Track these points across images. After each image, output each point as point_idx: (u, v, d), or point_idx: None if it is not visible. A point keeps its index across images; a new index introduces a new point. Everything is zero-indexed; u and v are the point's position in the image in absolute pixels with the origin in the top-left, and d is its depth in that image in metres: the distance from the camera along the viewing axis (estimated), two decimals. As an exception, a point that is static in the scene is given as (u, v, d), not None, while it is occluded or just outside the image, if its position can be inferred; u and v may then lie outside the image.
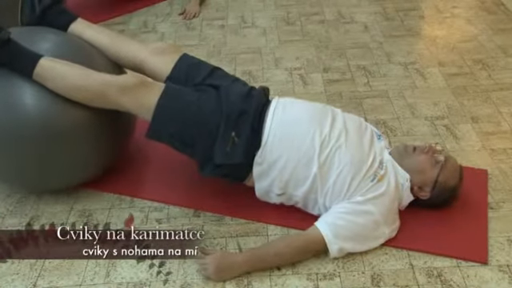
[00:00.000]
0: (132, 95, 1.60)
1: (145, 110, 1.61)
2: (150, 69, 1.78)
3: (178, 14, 3.07)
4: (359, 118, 1.78)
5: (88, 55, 1.73)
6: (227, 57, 2.65)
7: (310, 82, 2.43)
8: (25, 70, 1.58)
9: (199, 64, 1.79)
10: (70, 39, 1.76)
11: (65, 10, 1.82)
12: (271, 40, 2.79)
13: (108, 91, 1.60)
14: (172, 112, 1.61)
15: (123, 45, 1.81)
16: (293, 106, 1.69)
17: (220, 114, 1.61)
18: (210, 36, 2.85)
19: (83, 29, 1.80)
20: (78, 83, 1.59)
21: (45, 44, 1.68)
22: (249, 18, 3.03)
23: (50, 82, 1.59)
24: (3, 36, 1.57)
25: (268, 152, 1.61)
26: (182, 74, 1.74)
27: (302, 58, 2.61)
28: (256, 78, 2.46)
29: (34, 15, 1.76)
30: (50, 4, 1.77)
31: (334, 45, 2.72)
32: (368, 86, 2.39)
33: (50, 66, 1.58)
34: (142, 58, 1.78)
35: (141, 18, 3.05)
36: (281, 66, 2.55)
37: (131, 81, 1.62)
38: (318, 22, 2.95)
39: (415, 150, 1.68)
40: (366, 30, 2.85)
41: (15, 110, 1.58)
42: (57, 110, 1.61)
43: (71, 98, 1.61)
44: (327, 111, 1.69)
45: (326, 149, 1.59)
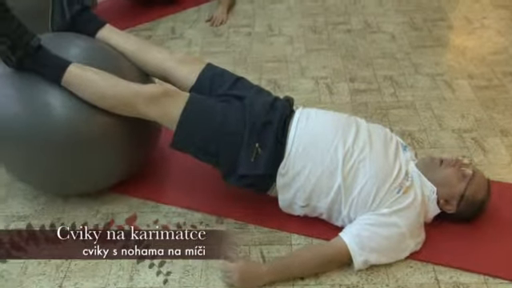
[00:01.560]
0: (158, 105, 1.61)
1: (170, 119, 1.63)
2: (175, 77, 1.80)
3: (205, 21, 3.09)
4: (384, 128, 1.76)
5: (115, 62, 1.75)
6: (253, 65, 2.65)
7: (336, 92, 2.42)
8: (54, 76, 1.61)
9: (223, 74, 1.80)
10: (98, 45, 1.79)
11: (93, 16, 1.85)
12: (298, 49, 2.79)
13: (135, 100, 1.62)
14: (196, 123, 1.62)
15: (149, 52, 1.83)
16: (316, 116, 1.69)
17: (244, 125, 1.61)
18: (236, 43, 2.86)
19: (111, 35, 1.83)
20: (105, 91, 1.62)
21: (73, 50, 1.71)
22: (276, 26, 3.04)
23: (78, 89, 1.61)
24: (34, 43, 1.60)
25: (291, 163, 1.60)
26: (206, 83, 1.75)
27: (328, 68, 2.60)
28: (281, 86, 2.46)
29: (63, 21, 1.79)
30: (79, 10, 1.80)
31: (361, 54, 2.71)
32: (394, 96, 2.37)
33: (78, 74, 1.61)
34: (168, 67, 1.80)
35: (168, 24, 3.08)
36: (307, 75, 2.55)
37: (157, 91, 1.64)
38: (345, 32, 2.94)
39: (442, 163, 1.66)
40: (394, 40, 2.83)
41: (43, 116, 1.61)
42: (84, 116, 1.63)
43: (98, 105, 1.63)
44: (351, 122, 1.68)
45: (349, 160, 1.58)
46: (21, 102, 1.63)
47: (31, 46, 1.59)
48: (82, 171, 1.70)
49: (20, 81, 1.63)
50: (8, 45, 1.57)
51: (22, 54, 1.59)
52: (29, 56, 1.59)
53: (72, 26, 1.80)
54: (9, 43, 1.57)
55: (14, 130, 1.62)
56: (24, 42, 1.58)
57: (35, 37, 1.61)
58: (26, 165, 1.70)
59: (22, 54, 1.59)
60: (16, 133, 1.62)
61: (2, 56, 1.60)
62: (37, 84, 1.62)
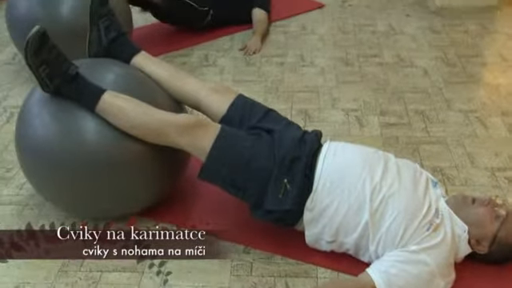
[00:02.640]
0: (189, 135, 1.63)
1: (200, 150, 1.64)
2: (207, 106, 1.82)
3: (238, 50, 3.13)
4: (414, 163, 1.74)
5: (148, 89, 1.79)
6: (284, 94, 2.67)
7: (366, 125, 2.41)
8: (88, 104, 1.64)
9: (254, 105, 1.82)
10: (132, 72, 1.83)
11: (129, 43, 1.89)
12: (329, 80, 2.80)
13: (167, 130, 1.64)
14: (226, 156, 1.63)
15: (182, 80, 1.86)
16: (344, 150, 1.68)
17: (273, 160, 1.62)
18: (268, 73, 2.89)
19: (145, 62, 1.86)
20: (138, 120, 1.64)
21: (108, 76, 1.75)
22: (308, 56, 3.06)
23: (111, 117, 1.64)
24: (72, 71, 1.64)
25: (318, 198, 1.60)
26: (237, 114, 1.77)
27: (359, 100, 2.60)
28: (312, 117, 2.47)
29: (100, 47, 1.84)
30: (115, 37, 1.84)
31: (393, 88, 2.70)
32: (426, 131, 2.35)
33: (112, 102, 1.64)
34: (200, 96, 1.82)
35: (202, 52, 3.13)
36: (337, 107, 2.55)
37: (190, 121, 1.66)
38: (377, 65, 2.94)
39: (474, 202, 1.63)
40: (426, 75, 2.82)
41: (76, 140, 1.65)
42: (115, 141, 1.66)
43: (130, 133, 1.66)
44: (379, 157, 1.67)
45: (377, 196, 1.57)
46: (55, 126, 1.68)
47: (69, 74, 1.64)
48: (112, 196, 1.72)
49: (56, 106, 1.68)
50: (47, 72, 1.61)
51: (60, 82, 1.63)
52: (66, 83, 1.64)
53: (108, 51, 1.85)
54: (47, 71, 1.61)
55: (46, 153, 1.66)
56: (62, 70, 1.63)
57: (73, 65, 1.65)
58: (56, 187, 1.73)
59: (60, 81, 1.63)
60: (49, 155, 1.66)
61: (40, 82, 1.64)
62: (71, 109, 1.66)
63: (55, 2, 2.59)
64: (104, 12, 1.82)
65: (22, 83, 2.79)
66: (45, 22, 2.50)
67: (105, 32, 1.83)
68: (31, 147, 1.70)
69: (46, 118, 1.69)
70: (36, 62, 1.59)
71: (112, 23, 1.84)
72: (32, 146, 1.69)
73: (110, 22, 1.83)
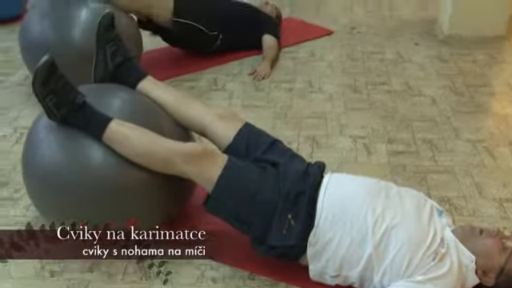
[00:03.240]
0: (196, 165, 1.63)
1: (206, 181, 1.65)
2: (213, 134, 1.82)
3: (248, 74, 3.16)
4: (418, 192, 1.73)
5: (154, 116, 1.80)
6: (292, 120, 2.68)
7: (373, 152, 2.41)
8: (95, 132, 1.65)
9: (260, 135, 1.82)
10: (138, 98, 1.84)
11: (135, 68, 1.90)
12: (337, 106, 2.81)
13: (173, 159, 1.64)
14: (232, 188, 1.64)
15: (189, 107, 1.86)
16: (344, 182, 1.68)
17: (278, 194, 1.62)
18: (276, 98, 2.91)
19: (151, 87, 1.87)
20: (144, 149, 1.65)
21: (114, 102, 1.77)
22: (316, 83, 3.08)
23: (118, 146, 1.65)
24: (79, 100, 1.65)
25: (321, 233, 1.59)
26: (242, 144, 1.77)
27: (367, 127, 2.61)
28: (320, 144, 2.48)
29: (106, 72, 1.84)
30: (121, 62, 1.85)
31: (401, 116, 2.71)
32: (433, 160, 2.34)
33: (118, 130, 1.65)
34: (206, 122, 1.82)
35: (211, 76, 3.16)
36: (345, 134, 2.56)
37: (196, 150, 1.66)
38: (385, 92, 2.96)
39: (482, 233, 1.61)
40: (434, 104, 2.82)
41: (82, 166, 1.66)
42: (121, 167, 1.66)
43: (136, 162, 1.66)
44: (381, 187, 1.66)
45: (380, 228, 1.55)
46: (62, 150, 1.69)
47: (76, 103, 1.65)
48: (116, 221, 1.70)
49: (63, 130, 1.69)
50: (54, 102, 1.62)
51: (67, 111, 1.64)
52: (73, 113, 1.65)
53: (114, 76, 1.85)
54: (55, 100, 1.62)
55: (52, 177, 1.67)
56: (70, 99, 1.64)
57: (80, 94, 1.66)
58: (60, 211, 1.72)
59: (67, 110, 1.64)
60: (54, 179, 1.67)
61: (47, 111, 1.65)
62: (78, 134, 1.67)
63: (67, 26, 2.63)
64: (111, 37, 1.83)
65: (33, 104, 2.78)
66: (57, 45, 2.59)
67: (111, 57, 1.84)
68: (37, 171, 1.71)
69: (53, 143, 1.70)
70: (44, 91, 1.61)
71: (118, 48, 1.85)
72: (38, 169, 1.71)
73: (116, 47, 1.84)
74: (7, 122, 2.66)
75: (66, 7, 2.69)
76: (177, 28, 3.12)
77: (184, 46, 3.35)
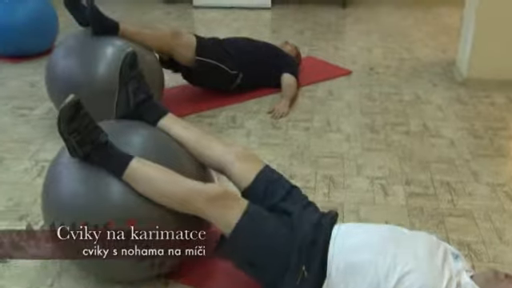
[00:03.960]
0: (216, 207, 1.63)
1: (224, 224, 1.64)
2: (232, 174, 1.82)
3: (266, 112, 3.19)
4: (430, 236, 1.70)
5: (174, 154, 1.81)
6: (309, 159, 2.69)
7: (391, 193, 2.40)
8: (116, 171, 1.66)
9: (278, 181, 1.81)
10: (158, 135, 1.86)
11: (156, 105, 1.92)
12: (354, 146, 2.82)
13: (193, 199, 1.64)
14: (249, 235, 1.63)
15: (209, 145, 1.87)
16: (354, 232, 1.66)
17: (292, 245, 1.61)
18: (294, 137, 2.92)
19: (171, 125, 1.88)
20: (165, 189, 1.65)
21: (134, 139, 1.79)
22: (334, 122, 3.10)
23: (138, 185, 1.66)
24: (102, 139, 1.67)
25: (333, 283, 1.56)
26: (261, 188, 1.77)
27: (384, 168, 2.60)
28: (337, 184, 2.47)
29: (128, 109, 1.87)
30: (143, 99, 1.88)
31: (418, 157, 2.70)
32: (452, 203, 2.32)
33: (139, 170, 1.66)
34: (226, 163, 1.83)
35: (230, 113, 3.19)
36: (362, 174, 2.55)
37: (218, 192, 1.65)
38: (403, 133, 2.96)
39: (506, 278, 1.57)
40: (452, 146, 2.81)
41: (101, 203, 1.66)
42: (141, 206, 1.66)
43: (157, 201, 1.66)
44: (391, 235, 1.64)
45: (393, 276, 1.51)
46: (82, 186, 1.70)
47: (99, 142, 1.67)
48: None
49: (84, 167, 1.71)
50: (77, 139, 1.65)
51: (89, 149, 1.66)
52: (95, 151, 1.67)
53: (135, 113, 1.87)
54: (78, 138, 1.65)
55: (71, 212, 1.67)
56: (93, 137, 1.66)
57: (103, 132, 1.69)
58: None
59: (90, 148, 1.66)
60: (73, 215, 1.67)
61: (70, 149, 1.68)
62: (99, 171, 1.68)
63: (92, 62, 2.70)
64: (133, 74, 1.86)
65: (55, 137, 2.83)
66: (80, 80, 2.66)
67: (133, 94, 1.86)
68: (56, 205, 1.73)
69: (74, 178, 1.72)
70: (68, 129, 1.63)
71: (140, 86, 1.87)
72: (57, 204, 1.72)
73: (138, 85, 1.87)
74: (29, 154, 2.70)
75: (91, 44, 2.77)
76: (198, 67, 3.17)
77: (204, 85, 3.40)
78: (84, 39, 2.82)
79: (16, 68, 3.85)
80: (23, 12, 3.86)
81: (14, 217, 2.21)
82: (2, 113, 3.16)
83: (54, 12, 4.08)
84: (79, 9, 2.85)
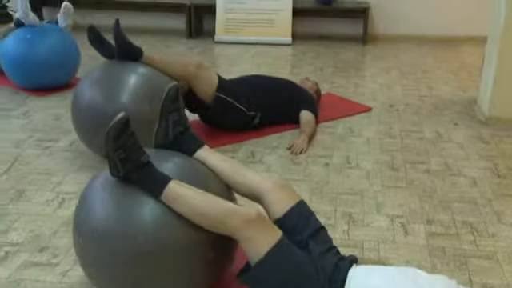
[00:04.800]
0: (251, 230, 1.63)
1: (254, 249, 1.63)
2: (267, 202, 1.83)
3: (285, 148, 3.19)
4: (450, 280, 1.65)
5: (209, 183, 1.84)
6: (329, 195, 2.67)
7: (411, 233, 2.36)
8: (155, 191, 1.69)
9: (309, 218, 1.82)
10: (195, 165, 1.89)
11: (193, 137, 1.96)
12: (374, 184, 2.80)
13: (230, 219, 1.64)
14: (278, 267, 1.62)
15: (246, 174, 1.90)
16: (371, 274, 1.65)
17: (314, 284, 1.61)
18: (313, 173, 2.92)
19: (208, 156, 1.93)
20: (202, 208, 1.67)
21: (171, 168, 1.81)
22: (353, 159, 3.09)
23: (176, 205, 1.68)
24: (144, 159, 1.72)
25: None
26: (292, 222, 1.78)
27: (404, 206, 2.57)
28: (356, 221, 2.45)
29: (166, 140, 1.92)
30: (181, 131, 1.93)
31: (439, 196, 2.66)
32: (474, 244, 2.27)
33: (178, 190, 1.69)
34: (263, 190, 1.84)
35: (249, 148, 3.21)
36: (382, 212, 2.53)
37: (254, 215, 1.65)
38: (424, 171, 2.93)
39: None
40: (475, 185, 2.77)
41: (136, 227, 1.68)
42: (175, 229, 1.69)
43: (193, 221, 1.68)
44: (407, 279, 1.60)
45: None
46: (116, 212, 1.72)
47: (141, 162, 1.71)
48: (159, 282, 1.72)
49: (117, 192, 1.74)
50: (121, 157, 1.69)
51: (131, 168, 1.70)
52: (136, 170, 1.70)
53: (173, 144, 1.92)
54: (122, 156, 1.69)
55: (105, 238, 1.70)
56: (136, 157, 1.70)
57: (146, 154, 1.73)
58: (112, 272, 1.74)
59: (131, 167, 1.70)
60: (107, 241, 1.70)
61: (112, 166, 1.71)
62: (133, 195, 1.72)
63: (116, 94, 2.76)
64: (174, 107, 1.92)
65: (77, 170, 2.91)
66: (106, 110, 2.71)
67: (172, 126, 1.91)
68: (90, 232, 1.74)
69: (108, 204, 1.74)
70: (114, 146, 1.67)
71: (180, 118, 1.93)
72: (91, 230, 1.73)
73: (178, 117, 1.92)
74: (51, 186, 2.74)
75: (115, 73, 2.84)
76: (216, 104, 3.18)
77: (221, 126, 3.37)
78: (108, 69, 2.89)
79: (40, 101, 3.94)
80: (45, 46, 3.97)
81: (35, 248, 2.22)
82: (26, 145, 3.22)
83: (75, 45, 4.19)
84: (103, 42, 2.93)
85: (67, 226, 2.37)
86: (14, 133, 3.38)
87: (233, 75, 3.67)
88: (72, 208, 2.51)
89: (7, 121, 3.58)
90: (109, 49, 2.92)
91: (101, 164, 2.90)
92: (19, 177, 2.83)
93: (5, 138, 3.30)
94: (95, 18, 5.77)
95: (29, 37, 3.95)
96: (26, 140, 3.28)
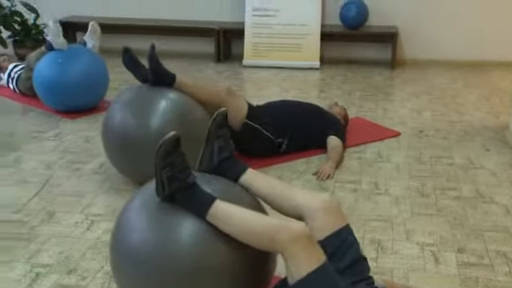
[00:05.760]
0: (297, 246, 1.59)
1: (295, 267, 1.59)
2: (312, 221, 1.78)
3: (312, 174, 3.17)
4: None
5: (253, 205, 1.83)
6: (357, 222, 2.64)
7: (442, 262, 2.31)
8: (200, 210, 1.68)
9: (352, 246, 1.78)
10: (239, 189, 1.89)
11: (237, 162, 1.95)
12: (403, 210, 2.75)
13: (277, 234, 1.61)
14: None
15: (294, 195, 1.86)
16: None
17: None
18: (341, 198, 2.89)
19: (252, 180, 1.91)
20: (249, 226, 1.66)
21: (216, 190, 1.79)
22: (382, 184, 3.05)
23: (223, 223, 1.67)
24: (191, 180, 1.72)
25: None
26: (334, 245, 1.74)
27: (435, 234, 2.52)
28: (385, 249, 2.40)
29: (210, 165, 1.92)
30: (226, 157, 1.92)
31: (471, 225, 2.60)
32: (510, 276, 2.20)
33: (224, 208, 1.68)
34: (310, 207, 1.80)
35: (277, 172, 3.20)
36: (412, 240, 2.48)
37: (302, 231, 1.61)
38: (454, 198, 2.87)
39: None
40: (508, 214, 2.70)
41: (174, 248, 1.68)
42: (210, 249, 1.69)
43: (240, 238, 1.66)
44: None
45: None
46: (154, 232, 1.72)
47: (188, 182, 1.71)
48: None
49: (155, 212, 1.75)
50: (168, 175, 1.69)
51: (177, 187, 1.70)
52: (182, 190, 1.70)
53: (216, 169, 1.92)
54: (170, 174, 1.69)
55: (143, 258, 1.70)
56: (183, 176, 1.71)
57: (193, 174, 1.73)
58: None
59: (178, 186, 1.70)
60: (145, 261, 1.70)
61: (158, 184, 1.71)
62: (171, 216, 1.72)
63: (147, 117, 2.79)
64: (221, 133, 1.93)
65: (105, 192, 2.95)
66: (136, 133, 2.76)
67: (218, 151, 1.91)
68: (128, 253, 1.74)
69: (146, 226, 1.74)
70: (162, 163, 1.68)
71: (226, 144, 1.93)
72: (129, 251, 1.74)
73: (224, 143, 1.93)
74: (80, 208, 2.77)
75: (146, 97, 2.88)
76: (243, 131, 3.18)
77: (247, 152, 3.32)
78: (140, 93, 2.93)
79: (71, 123, 4.02)
80: (76, 69, 4.06)
81: (64, 270, 2.24)
82: (58, 166, 3.28)
83: (105, 68, 4.27)
84: (138, 66, 2.97)
85: (95, 249, 2.39)
86: (46, 154, 3.45)
87: (261, 99, 3.69)
88: (100, 230, 2.54)
89: (40, 143, 3.65)
90: (143, 72, 2.96)
91: (129, 187, 2.94)
92: (50, 198, 2.87)
93: (38, 159, 3.37)
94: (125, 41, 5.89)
95: (60, 61, 4.05)
96: (57, 162, 3.34)
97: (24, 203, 2.81)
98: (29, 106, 4.36)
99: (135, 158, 2.78)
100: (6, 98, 4.59)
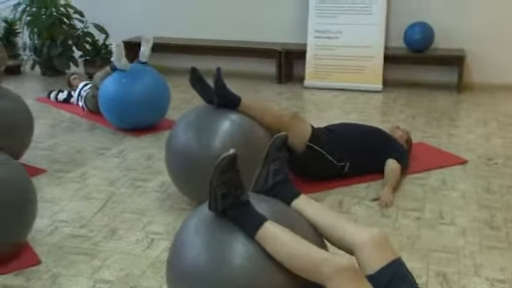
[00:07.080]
0: (342, 279, 1.57)
1: None
2: (361, 255, 1.76)
3: (371, 200, 3.08)
4: None
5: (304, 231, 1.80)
6: (420, 252, 2.53)
7: (514, 300, 2.17)
8: (250, 229, 1.69)
9: (405, 280, 1.72)
10: (291, 213, 1.88)
11: (291, 186, 1.95)
12: (471, 243, 2.62)
13: (322, 265, 1.60)
14: None
15: (343, 224, 1.86)
16: None
17: None
18: (403, 227, 2.79)
19: (305, 205, 1.90)
20: (296, 253, 1.65)
21: (268, 211, 1.79)
22: (447, 214, 2.92)
23: (270, 246, 1.67)
24: (244, 198, 1.74)
25: None
26: (385, 280, 1.69)
27: (507, 270, 2.37)
28: (451, 283, 2.29)
29: (265, 186, 1.93)
30: (281, 180, 1.93)
31: (546, 261, 2.44)
32: None
33: (274, 230, 1.68)
34: (359, 241, 1.78)
35: (337, 197, 3.14)
36: (481, 275, 2.34)
37: (347, 265, 1.60)
38: (527, 232, 2.71)
39: None
40: None
41: (223, 268, 1.68)
42: (262, 271, 1.67)
43: (285, 263, 1.66)
44: None
45: None
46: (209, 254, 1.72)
47: (241, 200, 1.73)
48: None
49: (211, 234, 1.76)
50: (223, 192, 1.72)
51: (230, 205, 1.72)
52: (234, 207, 1.72)
53: (270, 191, 1.92)
54: (224, 191, 1.72)
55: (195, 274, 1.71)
56: (236, 194, 1.73)
57: (246, 193, 1.75)
58: None
59: (230, 204, 1.72)
60: (197, 277, 1.70)
61: (212, 200, 1.74)
62: (225, 238, 1.72)
63: (210, 138, 2.82)
64: (278, 156, 1.94)
65: (166, 211, 2.98)
66: (198, 152, 2.78)
67: (273, 174, 1.92)
68: (184, 272, 1.75)
69: (201, 245, 1.75)
70: (218, 180, 1.71)
71: (282, 167, 1.94)
72: (185, 271, 1.75)
73: (280, 166, 1.93)
74: (141, 226, 2.82)
75: (210, 118, 2.90)
76: (306, 154, 3.16)
77: (308, 175, 3.31)
78: (205, 114, 2.95)
79: (134, 141, 4.12)
80: (140, 88, 4.18)
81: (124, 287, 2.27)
82: (121, 183, 3.36)
83: (167, 87, 4.37)
84: (204, 86, 3.01)
85: (154, 268, 2.41)
86: (109, 171, 3.55)
87: (321, 121, 3.65)
88: (159, 249, 2.56)
89: (104, 160, 3.76)
90: (209, 93, 2.99)
91: (189, 206, 2.96)
92: (112, 215, 2.94)
93: (102, 176, 3.47)
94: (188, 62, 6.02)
95: (124, 80, 4.19)
96: (121, 178, 3.43)
97: (89, 218, 2.89)
98: (95, 123, 4.52)
99: (196, 178, 2.80)
100: (76, 115, 4.78)
